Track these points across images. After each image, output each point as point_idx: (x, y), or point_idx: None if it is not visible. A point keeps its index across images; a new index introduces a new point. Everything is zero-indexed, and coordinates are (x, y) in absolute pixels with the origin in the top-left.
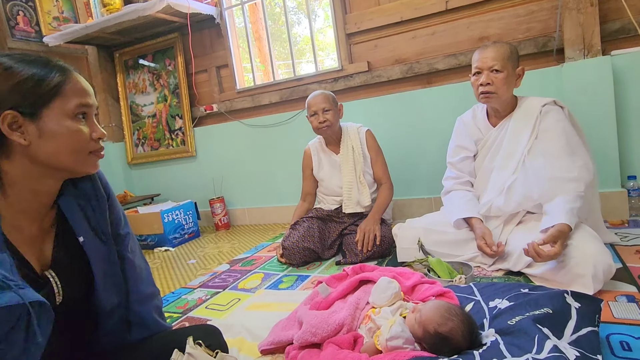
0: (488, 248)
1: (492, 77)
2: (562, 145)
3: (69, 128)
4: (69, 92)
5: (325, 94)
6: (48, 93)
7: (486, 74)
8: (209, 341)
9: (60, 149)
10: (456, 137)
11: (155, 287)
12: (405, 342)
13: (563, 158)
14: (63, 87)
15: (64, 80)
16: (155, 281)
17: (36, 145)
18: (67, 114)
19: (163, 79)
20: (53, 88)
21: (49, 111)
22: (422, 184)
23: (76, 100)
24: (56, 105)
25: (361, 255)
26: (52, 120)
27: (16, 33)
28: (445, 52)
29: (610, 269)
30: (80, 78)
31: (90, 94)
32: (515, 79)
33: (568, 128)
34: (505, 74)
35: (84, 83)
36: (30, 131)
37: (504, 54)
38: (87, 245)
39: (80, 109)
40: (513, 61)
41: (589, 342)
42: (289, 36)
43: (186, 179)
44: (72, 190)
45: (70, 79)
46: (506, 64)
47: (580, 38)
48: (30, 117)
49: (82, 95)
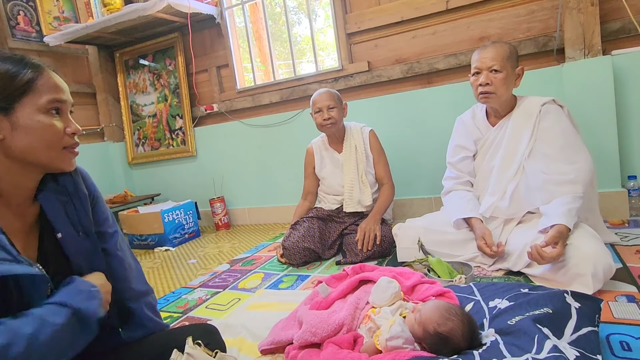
0: (488, 248)
1: (491, 77)
2: (560, 146)
3: (41, 122)
4: (41, 88)
5: (330, 91)
6: (20, 88)
7: (485, 74)
8: (207, 340)
9: (34, 143)
10: (456, 137)
11: (147, 285)
12: (405, 342)
13: (561, 160)
14: (35, 82)
15: (36, 77)
16: (156, 281)
17: (10, 140)
18: (39, 109)
19: (163, 79)
20: (25, 84)
21: (22, 106)
22: (422, 183)
23: (48, 96)
24: (28, 100)
25: (361, 255)
26: (24, 114)
27: (17, 33)
28: (446, 52)
29: (610, 268)
30: (54, 75)
31: (64, 90)
32: (514, 79)
33: (568, 128)
34: (504, 74)
35: (58, 79)
36: (3, 126)
37: (503, 54)
38: (66, 242)
39: (52, 104)
40: (512, 61)
41: (589, 342)
42: (290, 36)
43: (186, 178)
44: (52, 186)
45: (43, 75)
46: (505, 63)
47: (581, 38)
48: (3, 112)
49: (54, 91)
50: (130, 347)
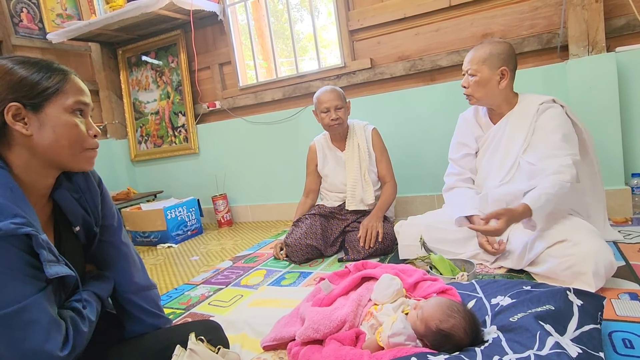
0: (489, 246)
1: (468, 80)
2: (552, 141)
3: (67, 121)
4: (68, 90)
5: (337, 90)
6: (51, 89)
7: (465, 77)
8: (210, 336)
9: (59, 141)
10: (458, 133)
11: (150, 280)
12: (407, 339)
13: (552, 155)
14: (64, 85)
15: (64, 80)
16: (159, 277)
17: (37, 136)
18: (65, 109)
19: (166, 76)
20: (55, 85)
21: (51, 105)
22: (424, 181)
23: (74, 97)
24: (57, 100)
25: (363, 252)
26: (53, 113)
27: (20, 30)
28: (449, 49)
29: (612, 265)
30: (78, 79)
31: (87, 94)
32: (497, 80)
33: (564, 126)
34: (478, 78)
35: (82, 84)
36: (32, 123)
37: (481, 56)
38: (82, 235)
39: (78, 105)
40: (492, 62)
41: (591, 339)
42: (292, 33)
43: (189, 175)
44: (66, 184)
45: (70, 79)
46: (480, 67)
47: (585, 34)
48: (33, 110)
49: (80, 93)
50: (134, 342)
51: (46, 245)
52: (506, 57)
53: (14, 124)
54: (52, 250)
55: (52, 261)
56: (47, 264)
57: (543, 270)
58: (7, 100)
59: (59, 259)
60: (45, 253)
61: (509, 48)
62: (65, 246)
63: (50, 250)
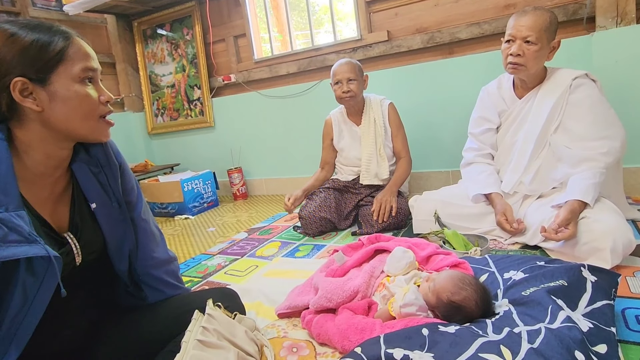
0: (508, 225)
1: (524, 48)
2: (589, 122)
3: (77, 92)
4: (73, 56)
5: (352, 63)
6: (53, 58)
7: (518, 44)
8: (227, 303)
9: (72, 114)
10: (479, 107)
11: (170, 253)
12: (418, 310)
13: (587, 136)
14: (67, 51)
15: (67, 45)
16: (177, 247)
17: (48, 111)
18: (73, 79)
19: (181, 49)
20: (58, 53)
21: (57, 76)
22: (440, 156)
23: (81, 64)
24: (62, 70)
25: (377, 226)
26: (61, 85)
27: (37, 2)
28: (469, 21)
29: (630, 244)
30: (83, 42)
31: (93, 57)
32: (548, 51)
33: (598, 103)
34: (538, 47)
35: (87, 47)
36: (41, 97)
37: (542, 24)
38: (99, 211)
39: (85, 72)
40: (550, 33)
41: (603, 315)
42: (307, 5)
43: (205, 149)
44: (84, 157)
45: (73, 43)
46: (542, 35)
47: (614, 5)
48: (39, 83)
49: (85, 59)
50: (154, 307)
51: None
52: (556, 28)
53: (23, 100)
54: (17, 229)
55: (10, 241)
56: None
57: (557, 246)
58: (13, 74)
59: (29, 239)
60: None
61: (556, 18)
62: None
63: (14, 229)
